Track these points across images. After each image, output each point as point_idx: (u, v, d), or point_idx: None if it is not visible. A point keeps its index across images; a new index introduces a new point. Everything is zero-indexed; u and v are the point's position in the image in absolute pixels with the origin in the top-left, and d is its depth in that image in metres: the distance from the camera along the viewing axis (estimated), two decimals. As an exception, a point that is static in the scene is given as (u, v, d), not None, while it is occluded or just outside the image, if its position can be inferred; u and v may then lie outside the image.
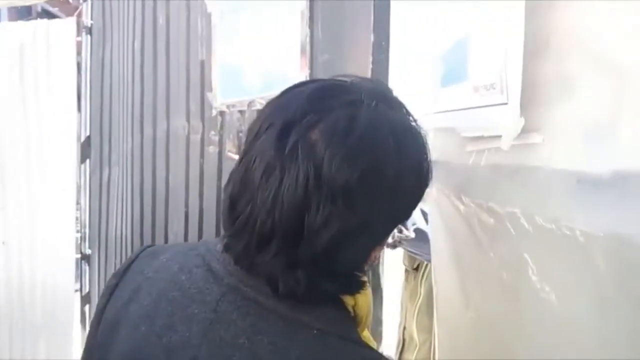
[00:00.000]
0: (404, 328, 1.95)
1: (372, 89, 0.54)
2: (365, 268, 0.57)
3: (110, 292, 0.64)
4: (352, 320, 0.59)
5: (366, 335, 0.76)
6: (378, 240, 0.57)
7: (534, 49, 0.66)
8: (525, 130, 0.66)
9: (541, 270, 0.63)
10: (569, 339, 0.59)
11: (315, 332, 0.52)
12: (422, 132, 0.56)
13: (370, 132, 0.50)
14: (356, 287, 0.57)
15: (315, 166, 0.48)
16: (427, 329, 1.78)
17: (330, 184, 0.48)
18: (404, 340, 1.95)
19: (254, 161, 0.51)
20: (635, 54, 0.53)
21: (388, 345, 1.91)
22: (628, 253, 0.49)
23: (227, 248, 0.55)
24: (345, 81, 0.55)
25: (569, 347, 0.59)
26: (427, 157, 0.56)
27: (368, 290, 0.59)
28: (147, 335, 0.56)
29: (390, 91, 0.57)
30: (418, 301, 1.85)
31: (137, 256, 0.66)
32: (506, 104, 0.66)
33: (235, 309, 0.53)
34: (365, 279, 0.58)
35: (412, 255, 1.88)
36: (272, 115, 0.52)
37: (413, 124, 0.55)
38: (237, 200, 0.53)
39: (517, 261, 0.66)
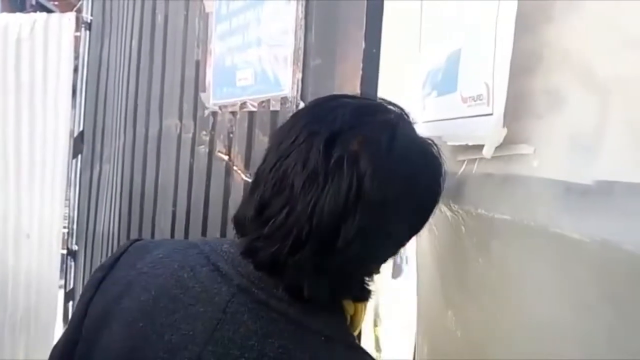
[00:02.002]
0: None
1: (397, 110, 0.58)
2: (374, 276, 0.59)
3: (96, 285, 0.61)
4: (349, 327, 0.60)
5: None
6: (397, 250, 0.60)
7: (527, 64, 0.68)
8: (516, 142, 0.68)
9: (526, 276, 0.64)
10: (551, 344, 0.60)
11: (322, 338, 0.53)
12: (439, 151, 0.60)
13: (407, 152, 0.54)
14: (367, 294, 0.59)
15: (358, 179, 0.50)
16: None
17: (369, 197, 0.50)
18: None
19: (294, 167, 0.51)
20: (620, 71, 0.55)
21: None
22: (612, 260, 0.50)
23: (250, 250, 0.54)
24: (376, 101, 0.59)
25: (551, 353, 0.60)
26: (444, 176, 0.60)
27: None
28: (146, 332, 0.54)
29: (408, 114, 0.60)
30: None
31: (126, 249, 0.64)
32: (491, 114, 0.67)
33: (246, 310, 0.53)
34: (372, 287, 0.59)
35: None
36: (313, 123, 0.53)
37: (431, 143, 0.59)
38: (268, 204, 0.53)
39: (503, 267, 0.67)
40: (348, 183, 0.49)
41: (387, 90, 0.91)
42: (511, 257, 0.66)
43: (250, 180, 1.32)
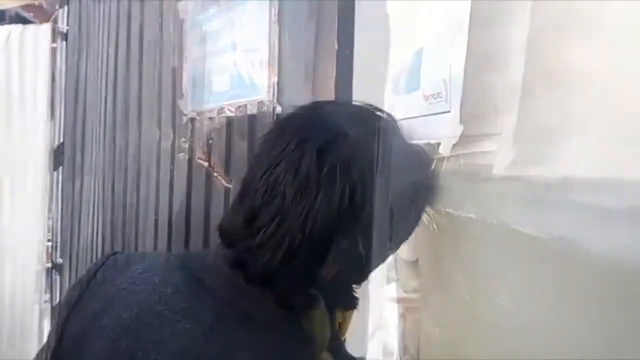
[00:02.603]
0: None
1: (386, 116, 0.59)
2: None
3: (73, 302, 0.59)
4: (337, 335, 0.60)
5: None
6: (387, 257, 0.62)
7: (489, 61, 0.68)
8: (479, 139, 0.69)
9: (494, 274, 0.64)
10: (520, 341, 0.60)
11: (314, 349, 0.53)
12: (429, 156, 0.61)
13: (399, 159, 0.55)
14: (355, 302, 0.60)
15: (351, 188, 0.49)
16: None
17: (362, 207, 0.50)
18: None
19: (285, 175, 0.50)
20: (582, 67, 0.56)
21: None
22: (569, 256, 0.50)
23: (239, 262, 0.53)
24: (364, 107, 0.59)
25: (520, 348, 0.60)
26: (434, 181, 0.62)
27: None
28: (131, 351, 0.52)
29: (396, 120, 0.60)
30: None
31: (102, 264, 0.62)
32: (449, 112, 0.68)
33: (233, 324, 0.52)
34: (358, 295, 0.60)
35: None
36: (303, 131, 0.52)
37: (421, 149, 0.61)
38: (258, 213, 0.51)
39: (472, 266, 0.68)
40: (341, 191, 0.49)
41: (360, 90, 0.92)
42: (479, 256, 0.66)
43: (231, 187, 1.31)
